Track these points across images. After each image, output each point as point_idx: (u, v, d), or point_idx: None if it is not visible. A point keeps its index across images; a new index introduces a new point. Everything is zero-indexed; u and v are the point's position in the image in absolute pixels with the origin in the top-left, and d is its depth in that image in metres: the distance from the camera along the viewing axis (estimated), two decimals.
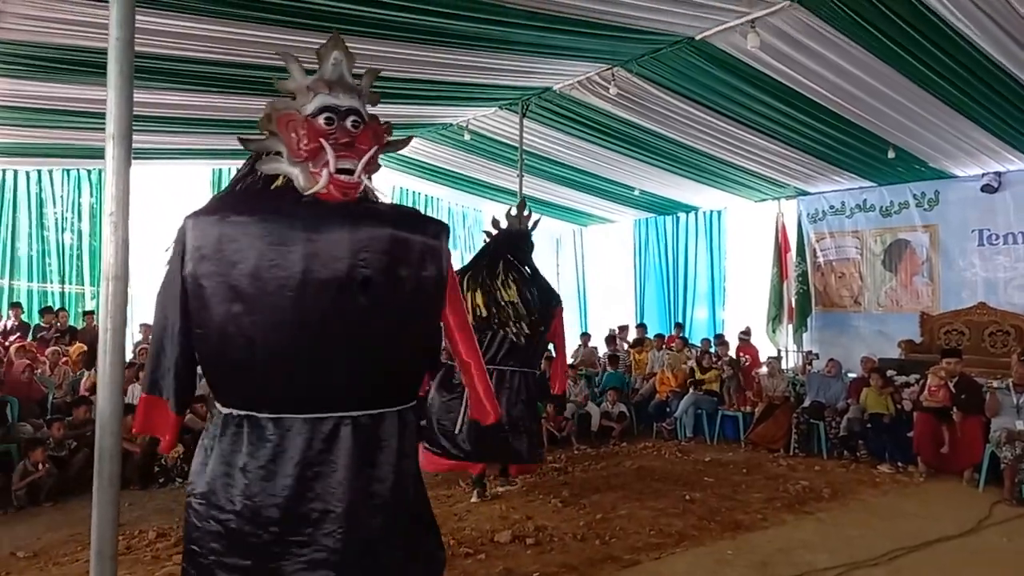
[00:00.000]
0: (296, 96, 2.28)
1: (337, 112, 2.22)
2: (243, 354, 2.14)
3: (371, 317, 2.16)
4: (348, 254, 2.12)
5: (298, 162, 2.19)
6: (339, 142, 2.17)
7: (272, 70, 6.47)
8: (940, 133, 7.72)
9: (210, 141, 9.51)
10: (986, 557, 4.56)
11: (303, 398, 2.16)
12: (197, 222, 2.18)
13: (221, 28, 5.56)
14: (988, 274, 9.07)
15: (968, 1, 5.04)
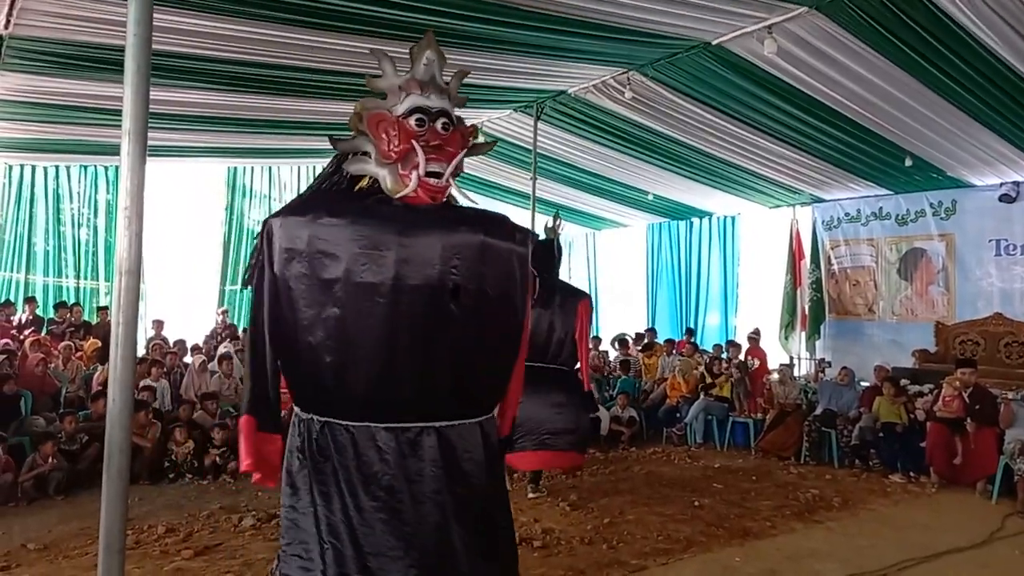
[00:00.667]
0: (387, 96, 2.23)
1: (428, 114, 2.18)
2: (329, 359, 2.08)
3: (460, 324, 2.11)
4: (440, 260, 2.07)
5: (387, 163, 2.14)
6: (429, 144, 2.13)
7: (288, 69, 6.58)
8: (958, 141, 7.66)
9: (226, 139, 9.59)
10: (997, 570, 4.51)
11: (389, 406, 2.11)
12: (286, 223, 2.11)
13: (238, 27, 5.60)
14: (1005, 284, 8.98)
15: (987, 8, 5.00)
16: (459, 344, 2.13)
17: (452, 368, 2.14)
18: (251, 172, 12.68)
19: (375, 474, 2.08)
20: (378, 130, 2.16)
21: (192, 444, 6.75)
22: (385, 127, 2.16)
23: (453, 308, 2.08)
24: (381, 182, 2.16)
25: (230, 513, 5.46)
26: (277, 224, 2.11)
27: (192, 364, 8.44)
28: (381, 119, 2.17)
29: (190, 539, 4.86)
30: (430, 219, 2.13)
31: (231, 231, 12.63)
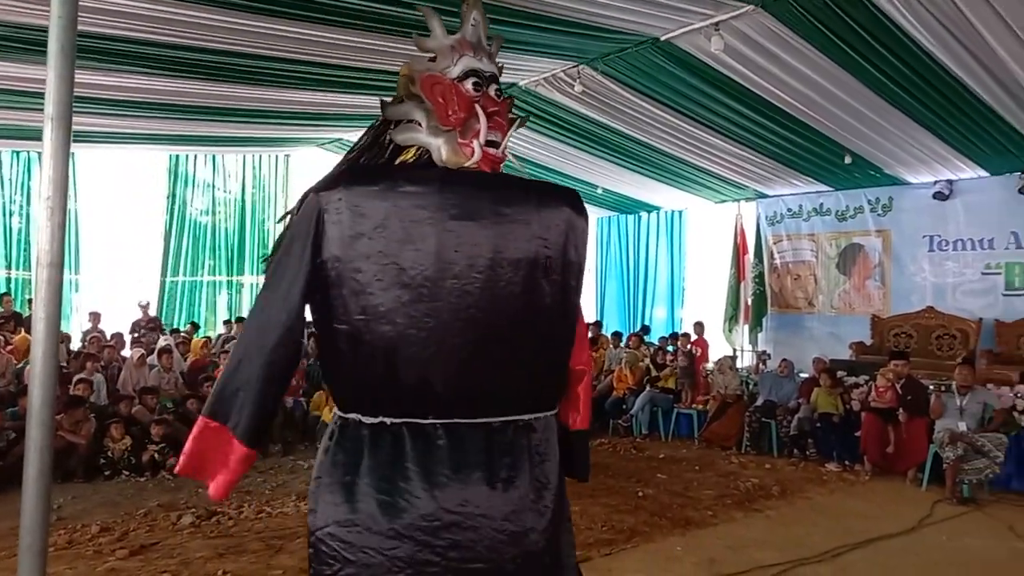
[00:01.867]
0: (437, 57, 1.97)
1: (483, 77, 1.95)
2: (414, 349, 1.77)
3: (549, 303, 1.89)
4: (536, 231, 1.85)
5: (443, 132, 1.88)
6: (487, 111, 1.91)
7: (233, 55, 6.42)
8: (895, 140, 7.90)
9: (167, 127, 9.31)
10: (926, 555, 4.68)
11: (480, 397, 1.84)
12: (349, 194, 1.77)
13: (181, 10, 5.42)
14: (937, 279, 9.33)
15: (925, 12, 5.16)
16: (548, 325, 1.92)
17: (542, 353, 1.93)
18: (194, 160, 12.35)
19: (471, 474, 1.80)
20: (433, 94, 1.90)
21: (130, 440, 6.56)
22: (441, 90, 1.90)
23: (544, 285, 1.87)
24: (434, 153, 1.89)
25: (168, 511, 5.32)
26: (333, 197, 1.77)
27: (130, 358, 8.20)
28: (436, 81, 1.92)
29: (125, 538, 4.73)
30: (516, 185, 1.95)
31: (173, 221, 12.29)
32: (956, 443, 5.95)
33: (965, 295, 9.08)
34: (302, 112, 8.92)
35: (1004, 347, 8.45)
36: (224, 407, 1.80)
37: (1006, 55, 5.55)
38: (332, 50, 6.38)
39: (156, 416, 6.95)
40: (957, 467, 5.92)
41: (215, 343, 10.01)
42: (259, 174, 13.20)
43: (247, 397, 1.79)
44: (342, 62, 6.72)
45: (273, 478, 6.48)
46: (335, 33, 5.95)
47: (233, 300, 12.95)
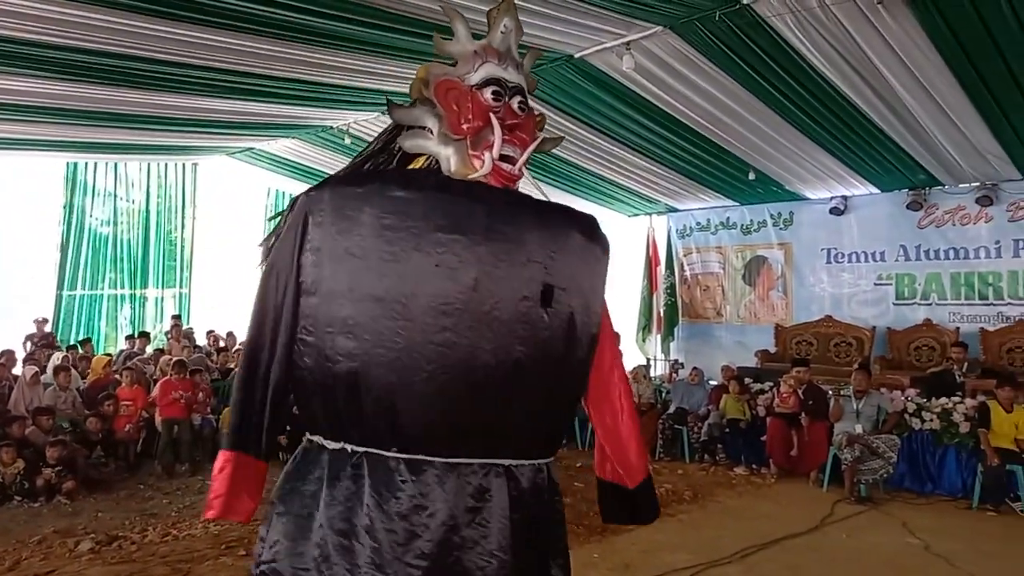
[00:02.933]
0: (458, 62, 1.83)
1: (505, 88, 1.80)
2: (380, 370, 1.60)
3: (549, 336, 1.70)
4: (535, 253, 1.67)
5: (454, 140, 1.73)
6: (505, 123, 1.75)
7: (126, 59, 6.16)
8: (794, 158, 8.32)
9: (63, 132, 8.84)
10: (828, 553, 4.92)
11: (451, 434, 1.64)
12: (336, 195, 1.66)
13: (71, 11, 5.17)
14: (834, 289, 9.87)
15: (822, 39, 5.47)
16: (547, 360, 1.71)
17: (535, 390, 1.70)
18: (94, 168, 11.77)
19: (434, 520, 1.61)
20: (447, 99, 1.76)
21: (22, 464, 6.17)
22: (456, 97, 1.76)
23: (544, 315, 1.68)
24: (443, 163, 1.75)
25: (65, 537, 5.03)
26: (321, 197, 1.67)
27: (22, 376, 7.71)
28: (452, 87, 1.77)
29: (18, 567, 4.44)
30: (520, 202, 1.76)
31: (71, 232, 11.65)
32: (853, 445, 6.28)
33: (860, 305, 9.64)
34: (210, 120, 8.64)
35: (895, 353, 9.00)
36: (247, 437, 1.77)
37: (895, 81, 5.95)
38: (242, 57, 6.22)
39: (52, 438, 6.55)
40: (855, 468, 6.25)
41: (116, 360, 9.54)
42: (165, 183, 12.69)
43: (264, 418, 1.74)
44: (252, 70, 6.57)
45: (180, 499, 6.22)
46: (245, 40, 5.81)
47: (136, 314, 12.37)
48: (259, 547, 1.71)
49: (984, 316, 8.75)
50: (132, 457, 7.31)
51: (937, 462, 6.54)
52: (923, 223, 9.15)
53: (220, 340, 11.35)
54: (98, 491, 6.41)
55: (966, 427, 6.35)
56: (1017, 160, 7.75)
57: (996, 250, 8.70)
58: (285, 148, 10.59)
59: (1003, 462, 5.90)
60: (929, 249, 9.15)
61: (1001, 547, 5.04)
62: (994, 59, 5.47)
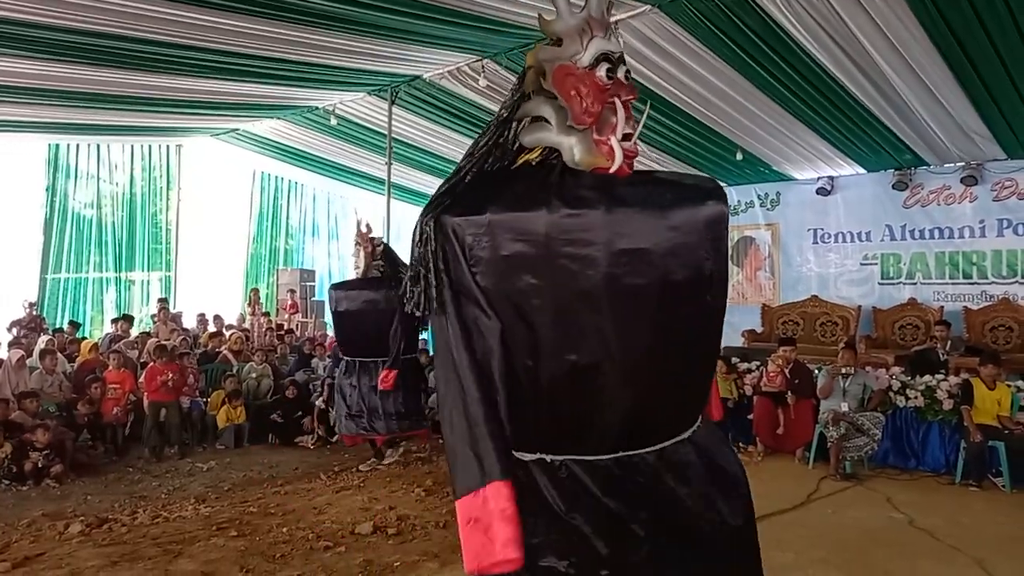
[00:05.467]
0: (563, 41, 1.72)
1: (613, 61, 1.70)
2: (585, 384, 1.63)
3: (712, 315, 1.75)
4: (700, 243, 1.65)
5: (576, 130, 1.67)
6: (622, 100, 1.69)
7: (110, 38, 6.07)
8: (782, 138, 8.34)
9: (44, 113, 8.72)
10: (813, 528, 4.99)
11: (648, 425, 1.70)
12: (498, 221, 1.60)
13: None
14: (821, 269, 9.94)
15: (811, 19, 5.47)
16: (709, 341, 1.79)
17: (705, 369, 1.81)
18: (76, 150, 11.62)
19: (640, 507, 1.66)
20: (566, 87, 1.67)
21: (9, 448, 6.13)
22: (575, 84, 1.67)
23: (710, 300, 1.70)
24: (565, 153, 1.68)
25: (54, 520, 5.02)
26: (478, 224, 1.61)
27: (8, 359, 7.65)
28: (568, 73, 1.68)
29: (7, 550, 4.43)
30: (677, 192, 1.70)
31: (54, 214, 11.51)
32: (839, 423, 6.35)
33: (846, 284, 9.72)
34: (194, 100, 8.55)
35: (880, 332, 9.09)
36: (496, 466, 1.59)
37: (882, 61, 5.96)
38: (227, 37, 6.15)
39: (38, 421, 6.52)
40: (840, 445, 6.32)
41: (102, 343, 9.48)
42: (149, 165, 12.56)
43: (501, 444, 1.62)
44: (237, 49, 6.50)
45: (169, 481, 6.22)
46: (229, 19, 5.74)
47: (122, 297, 12.27)
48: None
49: (968, 295, 8.84)
50: (120, 440, 7.28)
51: (921, 439, 6.62)
52: (908, 203, 9.21)
53: (209, 323, 11.30)
54: (86, 474, 6.39)
55: (949, 404, 6.42)
56: (1002, 140, 7.80)
57: (980, 230, 8.78)
58: (270, 129, 10.50)
59: (985, 438, 5.98)
60: (914, 229, 9.22)
61: (983, 521, 5.13)
62: (980, 39, 5.48)
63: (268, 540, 4.57)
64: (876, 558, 4.37)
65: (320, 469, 6.34)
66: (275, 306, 13.22)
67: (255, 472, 6.53)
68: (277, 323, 11.94)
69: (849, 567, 4.22)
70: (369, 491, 5.77)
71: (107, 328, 11.08)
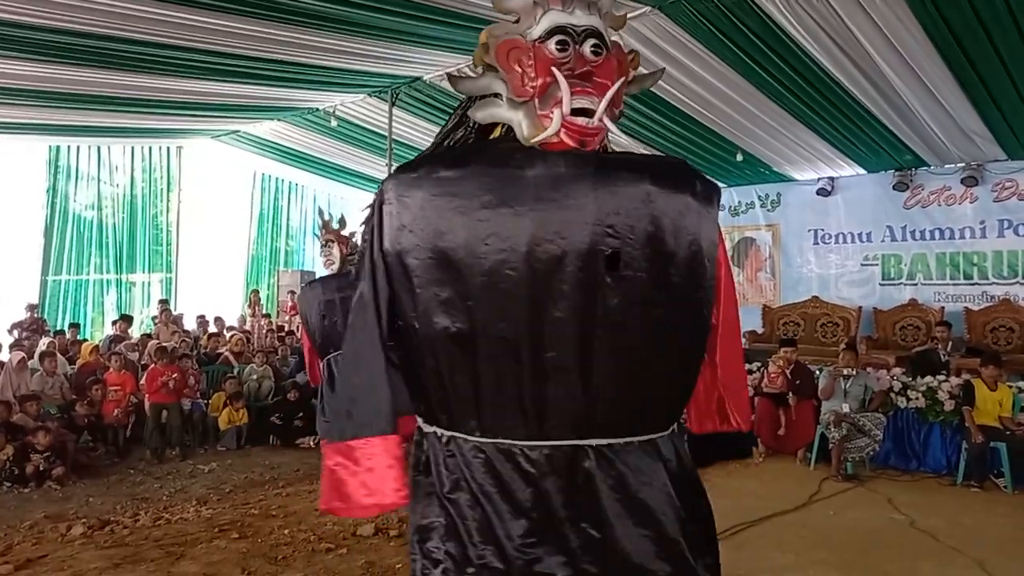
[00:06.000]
0: (520, 18, 1.69)
1: (572, 34, 1.64)
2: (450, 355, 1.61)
3: (621, 305, 1.59)
4: (593, 218, 1.56)
5: (521, 102, 1.64)
6: (574, 73, 1.61)
7: (110, 40, 6.08)
8: (782, 139, 8.34)
9: (45, 115, 8.72)
10: (814, 529, 4.99)
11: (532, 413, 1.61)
12: (398, 182, 1.65)
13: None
14: (821, 270, 9.94)
15: (811, 20, 5.47)
16: (621, 332, 1.61)
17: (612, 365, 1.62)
18: (77, 152, 11.62)
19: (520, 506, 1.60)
20: (509, 61, 1.65)
21: (11, 450, 6.14)
22: (518, 56, 1.65)
23: (609, 282, 1.57)
24: (516, 129, 1.66)
25: (56, 522, 5.02)
26: (390, 187, 1.66)
27: (9, 362, 7.66)
28: (513, 46, 1.66)
29: (9, 552, 4.43)
30: (579, 166, 1.61)
31: (55, 216, 11.51)
32: (840, 424, 6.35)
33: (846, 285, 9.72)
34: (195, 102, 8.55)
35: (881, 333, 9.10)
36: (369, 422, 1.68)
37: (882, 61, 5.96)
38: (227, 38, 6.16)
39: (39, 423, 6.52)
40: (842, 446, 6.32)
41: (103, 345, 9.49)
42: (149, 167, 12.56)
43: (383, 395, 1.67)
44: (237, 51, 6.50)
45: (171, 483, 6.22)
46: (230, 21, 5.74)
47: (123, 299, 12.27)
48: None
49: (969, 296, 8.84)
50: (121, 442, 7.29)
51: (922, 440, 6.62)
52: (909, 204, 9.22)
53: (209, 325, 11.30)
54: (88, 476, 6.39)
55: (951, 405, 6.42)
56: (1002, 140, 7.81)
57: (981, 230, 8.78)
58: (271, 131, 10.50)
59: (987, 439, 5.98)
60: (915, 230, 9.22)
61: (984, 522, 5.12)
62: (981, 40, 5.49)
63: (270, 542, 4.57)
64: (877, 559, 4.37)
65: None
66: (276, 307, 13.22)
67: (256, 474, 6.54)
68: (278, 324, 11.94)
69: (850, 568, 4.22)
70: None
71: (108, 330, 11.08)
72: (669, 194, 1.65)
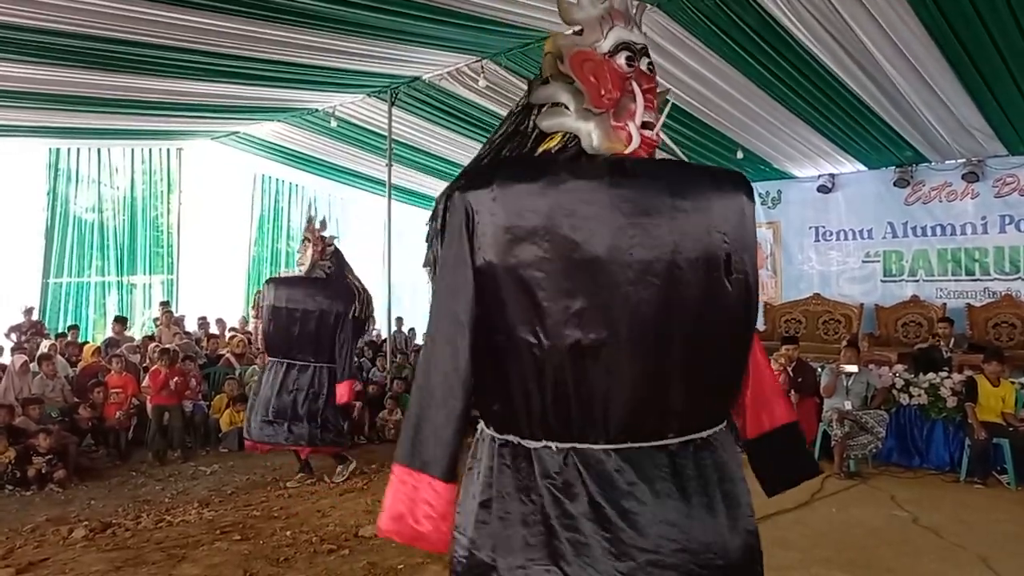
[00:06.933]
0: (585, 31, 1.75)
1: (635, 51, 1.74)
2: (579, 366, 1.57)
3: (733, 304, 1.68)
4: (715, 225, 1.63)
5: (594, 115, 1.67)
6: (641, 88, 1.71)
7: (109, 42, 6.08)
8: (782, 136, 8.33)
9: (44, 118, 8.73)
10: (817, 526, 4.98)
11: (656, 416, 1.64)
12: (504, 194, 1.58)
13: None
14: (822, 267, 9.93)
15: (809, 15, 5.46)
16: (731, 329, 1.72)
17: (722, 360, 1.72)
18: (77, 154, 11.62)
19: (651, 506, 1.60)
20: (584, 72, 1.68)
21: (13, 453, 6.14)
22: (593, 68, 1.69)
23: (727, 284, 1.64)
24: (584, 139, 1.68)
25: (58, 524, 5.02)
26: (486, 198, 1.59)
27: (11, 365, 7.66)
28: (587, 58, 1.70)
29: (11, 555, 4.43)
30: (691, 174, 1.72)
31: (55, 219, 11.51)
32: (843, 421, 6.34)
33: (848, 282, 9.71)
34: (194, 104, 8.55)
35: (883, 330, 9.08)
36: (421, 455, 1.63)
37: (881, 57, 5.95)
38: (226, 39, 6.15)
39: (41, 426, 6.52)
40: (844, 444, 6.31)
41: (104, 347, 9.49)
42: (149, 169, 12.56)
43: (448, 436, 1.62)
44: (237, 52, 6.50)
45: (173, 485, 6.22)
46: (229, 22, 5.74)
47: (124, 301, 12.28)
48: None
49: (971, 292, 8.83)
50: (123, 444, 7.28)
51: (925, 436, 6.61)
52: (910, 200, 9.20)
53: (211, 326, 11.30)
54: (90, 479, 6.39)
55: (953, 402, 6.41)
56: (1003, 136, 7.79)
57: (982, 226, 8.76)
58: (271, 132, 10.50)
59: (990, 435, 5.97)
60: (916, 226, 9.21)
61: (987, 519, 5.11)
62: (980, 34, 5.47)
63: (272, 544, 4.57)
64: (880, 556, 4.36)
65: (323, 472, 6.32)
66: None
67: (258, 475, 6.53)
68: None
69: (853, 565, 4.21)
70: (372, 493, 5.76)
71: (109, 332, 11.08)
72: (750, 204, 1.76)
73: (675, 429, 1.66)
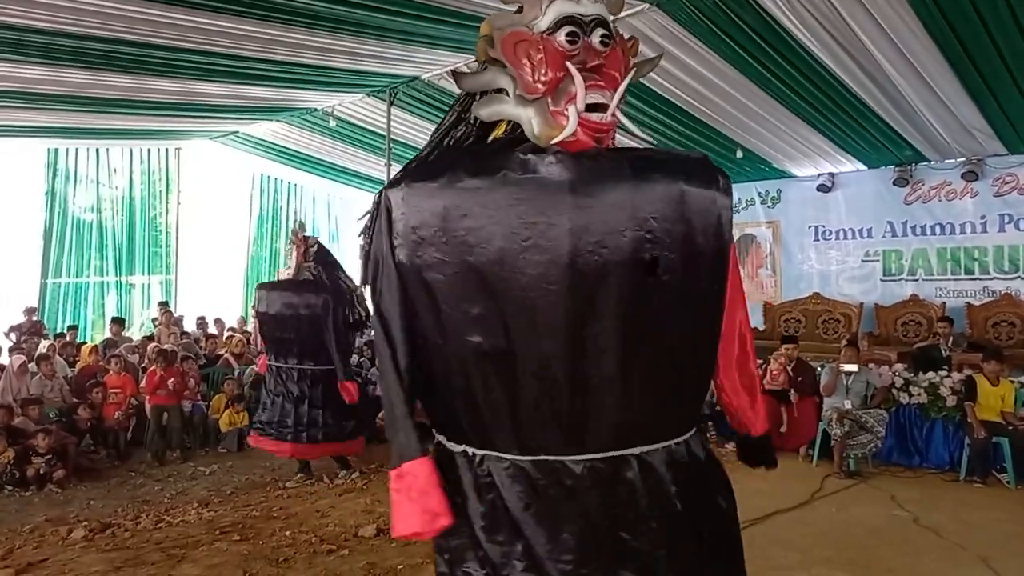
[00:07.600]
0: (524, 7, 1.60)
1: (581, 25, 1.55)
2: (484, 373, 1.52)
3: (659, 312, 1.52)
4: (631, 223, 1.46)
5: (532, 100, 1.55)
6: (586, 67, 1.53)
7: (107, 42, 6.06)
8: (782, 136, 8.32)
9: (43, 118, 8.71)
10: (817, 526, 4.97)
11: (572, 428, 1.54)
12: (411, 192, 1.53)
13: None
14: (822, 267, 9.92)
15: (808, 14, 5.45)
16: (659, 339, 1.54)
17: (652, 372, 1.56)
18: (75, 154, 11.60)
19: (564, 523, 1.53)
20: (517, 55, 1.55)
21: (12, 453, 6.13)
22: (526, 49, 1.55)
23: (649, 290, 1.50)
24: (525, 127, 1.57)
25: (57, 525, 5.02)
26: (398, 196, 1.54)
27: (9, 366, 7.64)
28: (520, 39, 1.56)
29: (10, 556, 4.43)
30: (611, 168, 1.50)
31: (54, 219, 11.49)
32: (843, 420, 6.33)
33: (847, 281, 9.70)
34: (193, 103, 8.54)
35: (883, 329, 9.08)
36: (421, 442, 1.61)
37: (880, 56, 5.94)
38: (225, 39, 6.14)
39: (40, 426, 6.51)
40: (844, 443, 6.30)
41: (102, 347, 9.47)
42: (148, 169, 12.54)
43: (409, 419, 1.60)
44: (235, 52, 6.49)
45: (172, 486, 6.21)
46: (227, 22, 5.73)
47: (123, 301, 12.26)
48: None
49: (970, 291, 8.83)
50: (122, 445, 7.27)
51: (924, 436, 6.61)
52: (909, 199, 9.20)
53: (210, 326, 11.29)
54: (89, 479, 6.38)
55: (953, 401, 6.41)
56: (1002, 135, 7.78)
57: (982, 225, 8.76)
58: (269, 131, 10.49)
59: (989, 434, 5.97)
60: (916, 225, 9.20)
61: (987, 518, 5.11)
62: (979, 33, 5.47)
63: (271, 544, 4.56)
64: (880, 556, 4.36)
65: (323, 472, 6.32)
66: None
67: (257, 475, 6.52)
68: None
69: (853, 565, 4.21)
70: (372, 493, 5.75)
71: (108, 333, 11.07)
72: (699, 192, 1.57)
73: (601, 444, 1.54)
